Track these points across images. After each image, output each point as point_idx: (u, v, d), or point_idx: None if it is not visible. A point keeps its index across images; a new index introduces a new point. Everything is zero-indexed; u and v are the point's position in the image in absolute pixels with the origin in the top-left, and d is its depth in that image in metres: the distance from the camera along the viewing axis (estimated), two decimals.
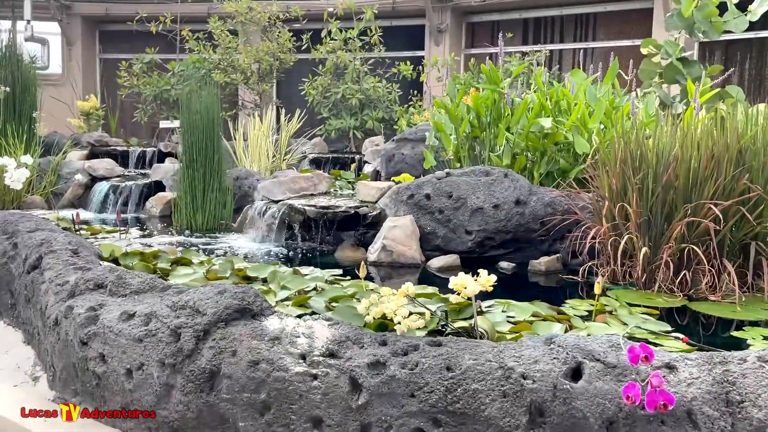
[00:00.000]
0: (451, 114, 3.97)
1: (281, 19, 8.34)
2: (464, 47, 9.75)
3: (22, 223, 3.52)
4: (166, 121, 8.36)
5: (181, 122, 4.70)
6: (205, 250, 3.82)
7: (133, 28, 11.03)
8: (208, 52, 8.12)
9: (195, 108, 4.64)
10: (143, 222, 5.28)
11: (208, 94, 4.75)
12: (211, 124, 4.63)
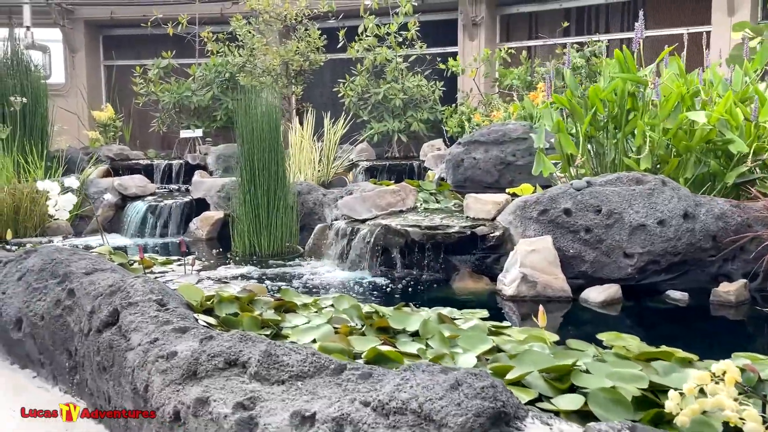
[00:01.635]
0: (576, 111, 3.34)
1: (309, 16, 7.69)
2: (499, 41, 9.14)
3: (75, 262, 2.87)
4: (187, 130, 7.69)
5: (238, 132, 4.05)
6: (292, 284, 3.18)
7: (146, 31, 10.33)
8: (232, 54, 7.46)
9: (253, 115, 3.99)
10: (188, 247, 4.62)
11: (267, 98, 4.10)
12: (273, 133, 3.98)
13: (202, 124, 7.74)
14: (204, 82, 7.68)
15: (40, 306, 2.72)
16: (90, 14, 10.14)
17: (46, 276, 2.83)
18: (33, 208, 4.80)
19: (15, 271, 2.99)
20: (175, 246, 4.66)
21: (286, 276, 3.41)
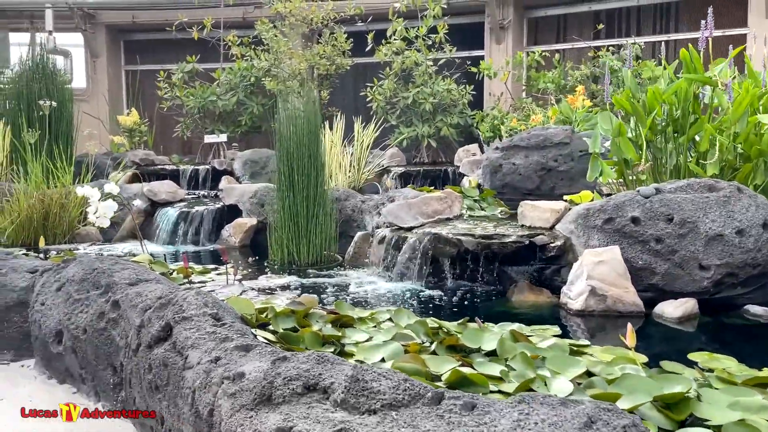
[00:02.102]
0: (638, 113, 3.17)
1: (335, 19, 7.58)
2: (526, 44, 8.98)
3: (118, 272, 2.74)
4: (211, 135, 7.58)
5: (276, 137, 3.91)
6: (339, 296, 3.03)
7: (167, 35, 10.27)
8: (258, 57, 7.35)
9: (292, 118, 3.85)
10: (221, 255, 4.48)
11: (307, 101, 3.96)
12: (313, 137, 3.84)
13: (227, 129, 7.63)
14: (228, 86, 7.58)
15: (82, 318, 2.60)
16: (112, 19, 10.09)
17: (88, 286, 2.70)
18: (62, 215, 4.70)
19: (53, 281, 2.87)
20: (207, 254, 4.53)
21: (330, 286, 3.26)
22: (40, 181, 4.68)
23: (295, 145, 3.81)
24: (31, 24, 10.18)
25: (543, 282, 2.94)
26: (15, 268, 3.11)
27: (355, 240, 3.79)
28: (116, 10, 9.87)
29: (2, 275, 3.08)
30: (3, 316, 3.05)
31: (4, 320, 3.05)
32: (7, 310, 3.05)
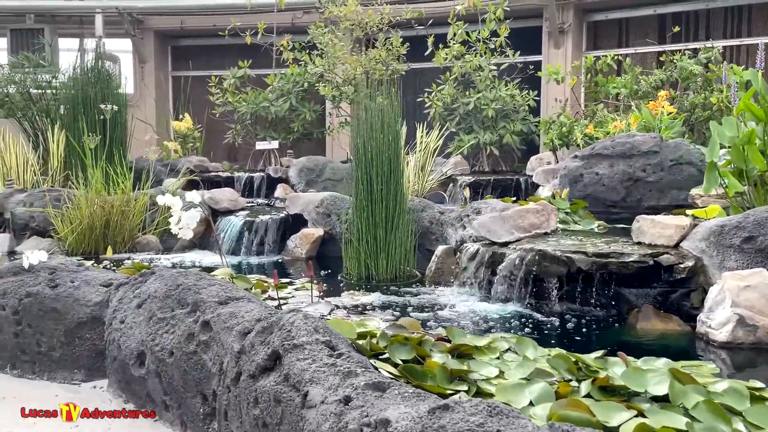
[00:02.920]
0: None
1: (391, 23, 7.35)
2: (585, 49, 8.64)
3: (205, 288, 2.51)
4: (263, 141, 7.41)
5: (353, 143, 3.67)
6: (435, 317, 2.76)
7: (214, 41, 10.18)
8: (312, 63, 7.15)
9: (372, 123, 3.60)
10: (286, 267, 4.26)
11: (389, 105, 3.71)
12: (393, 144, 3.59)
13: (278, 136, 7.45)
14: (281, 92, 7.40)
15: (168, 340, 2.37)
16: (160, 24, 10.05)
17: (172, 304, 2.48)
18: (123, 222, 4.53)
19: (132, 296, 2.65)
20: (272, 265, 4.30)
21: (418, 306, 2.99)
22: (100, 188, 4.53)
23: (375, 152, 3.55)
24: (80, 29, 10.20)
25: (669, 307, 2.63)
26: (88, 281, 2.91)
27: (437, 255, 3.52)
28: (165, 15, 9.82)
29: (74, 288, 2.88)
30: (75, 332, 2.85)
31: (75, 337, 2.85)
32: (78, 327, 2.85)
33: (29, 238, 4.63)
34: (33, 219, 4.64)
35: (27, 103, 7.15)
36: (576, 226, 3.53)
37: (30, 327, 2.88)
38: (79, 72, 6.26)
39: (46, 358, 2.86)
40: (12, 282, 2.94)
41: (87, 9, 9.60)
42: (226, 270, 2.94)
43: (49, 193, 4.70)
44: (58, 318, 2.87)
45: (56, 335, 2.86)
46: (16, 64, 7.43)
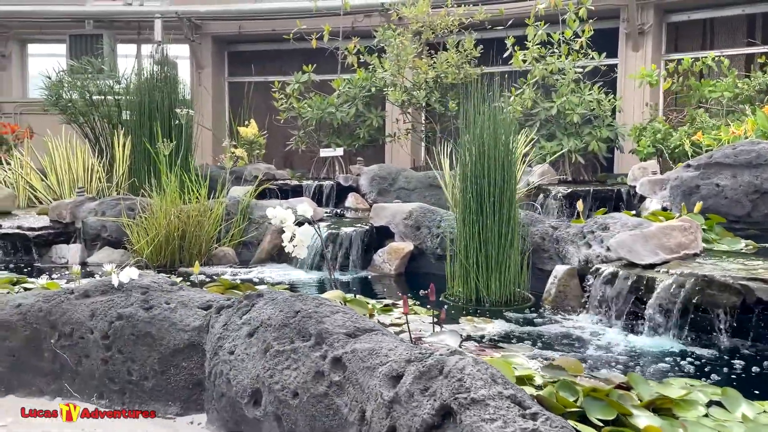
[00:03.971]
0: None
1: (463, 25, 7.00)
2: (665, 51, 8.14)
3: (328, 317, 2.18)
4: (327, 149, 7.12)
5: (460, 150, 3.31)
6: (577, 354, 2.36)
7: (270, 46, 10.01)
8: (382, 66, 6.83)
9: (482, 128, 3.23)
10: (373, 284, 3.92)
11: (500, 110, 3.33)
12: (507, 152, 3.21)
13: (343, 143, 7.16)
14: (346, 97, 7.11)
15: (291, 377, 2.03)
16: (218, 29, 9.91)
17: (291, 334, 2.14)
18: (198, 233, 4.27)
19: (240, 323, 2.33)
20: (357, 282, 3.96)
21: (551, 337, 2.60)
22: (176, 196, 4.27)
23: (486, 161, 3.18)
24: (138, 35, 10.14)
25: None
26: (185, 302, 2.61)
27: (556, 276, 3.13)
28: (224, 20, 9.67)
29: (171, 311, 2.58)
30: (170, 360, 2.55)
31: (171, 365, 2.55)
32: (174, 354, 2.55)
33: (100, 249, 4.40)
34: (105, 229, 4.41)
35: (89, 109, 7.03)
36: (720, 245, 3.10)
37: (120, 353, 2.59)
38: (147, 77, 6.07)
39: (137, 388, 2.56)
40: (101, 302, 2.66)
41: (146, 14, 9.52)
42: (337, 293, 2.61)
43: (121, 201, 4.47)
44: (152, 344, 2.58)
45: (149, 363, 2.57)
46: (78, 69, 7.33)
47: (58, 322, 2.67)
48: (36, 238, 4.28)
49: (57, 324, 2.67)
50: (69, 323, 2.65)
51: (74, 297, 2.71)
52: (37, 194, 5.57)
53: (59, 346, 2.66)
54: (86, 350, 2.63)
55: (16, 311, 2.72)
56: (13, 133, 8.04)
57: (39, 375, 2.70)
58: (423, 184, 5.80)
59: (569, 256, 3.28)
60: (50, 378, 2.70)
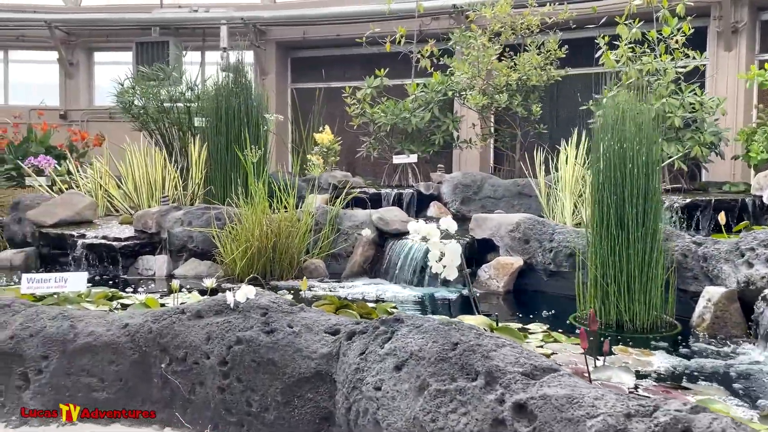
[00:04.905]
0: None
1: (546, 25, 6.64)
2: (759, 51, 7.59)
3: (494, 351, 1.89)
4: (400, 155, 6.85)
5: (594, 155, 2.98)
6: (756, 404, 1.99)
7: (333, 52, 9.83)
8: (461, 69, 6.53)
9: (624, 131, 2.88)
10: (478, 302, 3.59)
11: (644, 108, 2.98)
12: (649, 155, 2.86)
13: (417, 149, 6.87)
14: (421, 101, 6.82)
15: (460, 424, 1.73)
16: (282, 35, 9.78)
17: (452, 371, 1.84)
18: (288, 244, 4.03)
19: (383, 353, 2.04)
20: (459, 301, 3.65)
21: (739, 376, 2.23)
22: (265, 206, 4.06)
23: (628, 166, 2.83)
24: (203, 42, 10.11)
25: None
26: (309, 325, 2.35)
27: (710, 299, 2.75)
28: (288, 26, 9.54)
29: (295, 335, 2.32)
30: (294, 390, 2.29)
31: (294, 396, 2.29)
32: (299, 383, 2.29)
33: (186, 261, 4.22)
34: (191, 239, 4.23)
35: (161, 115, 6.94)
36: None
37: (239, 381, 2.34)
38: (223, 82, 5.93)
39: (256, 421, 2.31)
40: (217, 324, 2.42)
41: (212, 20, 9.47)
42: (482, 318, 2.30)
43: (207, 211, 4.28)
44: (274, 372, 2.32)
45: (271, 393, 2.32)
46: (151, 75, 7.26)
47: (169, 345, 2.44)
48: (122, 249, 4.12)
49: (168, 347, 2.45)
50: (182, 347, 2.42)
51: (186, 318, 2.48)
52: (114, 202, 5.46)
53: (171, 371, 2.44)
54: (201, 377, 2.39)
55: (123, 332, 2.51)
56: (83, 141, 8.06)
57: (147, 402, 2.48)
58: (511, 193, 5.46)
59: (723, 276, 2.89)
60: (159, 406, 2.47)
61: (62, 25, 9.84)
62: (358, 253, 4.19)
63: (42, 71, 10.79)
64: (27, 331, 2.53)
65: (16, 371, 2.54)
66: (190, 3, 9.95)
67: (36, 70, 10.92)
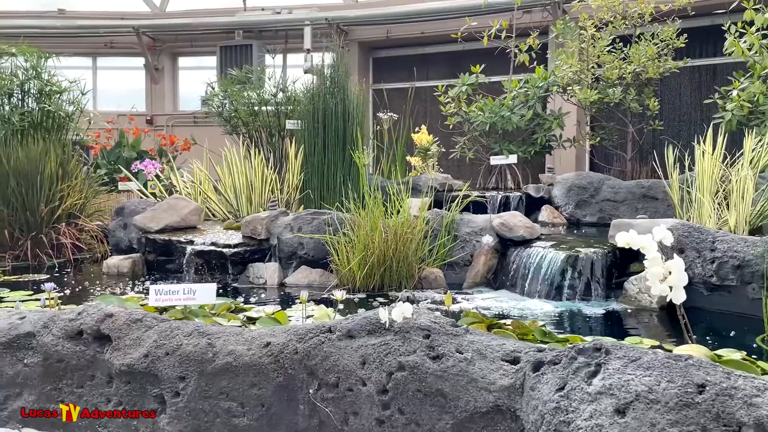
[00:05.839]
0: None
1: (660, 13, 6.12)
2: None
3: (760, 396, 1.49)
4: (498, 156, 6.46)
5: None
6: None
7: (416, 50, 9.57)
8: (570, 62, 6.09)
9: None
10: (624, 319, 3.19)
11: None
12: None
13: (517, 149, 6.47)
14: (524, 98, 6.42)
15: None
16: (365, 35, 9.58)
17: (703, 421, 1.47)
18: (405, 250, 3.75)
19: (593, 391, 1.70)
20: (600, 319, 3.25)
21: None
22: (382, 211, 3.79)
23: None
24: (285, 44, 10.04)
25: None
26: (481, 351, 2.03)
27: None
28: (372, 25, 9.32)
29: (466, 362, 2.01)
30: (467, 427, 2.00)
31: None
32: (472, 419, 1.98)
33: (297, 269, 4.00)
34: (302, 246, 4.00)
35: (251, 118, 6.85)
36: None
37: (402, 413, 2.05)
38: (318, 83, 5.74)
39: None
40: (373, 347, 2.14)
41: (296, 22, 9.36)
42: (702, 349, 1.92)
43: (318, 216, 4.05)
44: (443, 404, 2.02)
45: (439, 428, 2.02)
46: (241, 78, 7.18)
47: (318, 369, 2.18)
48: (233, 256, 3.94)
49: (317, 370, 2.18)
50: (333, 371, 2.15)
51: (336, 338, 2.21)
52: (211, 206, 5.34)
53: (320, 398, 2.17)
54: (355, 406, 2.11)
55: (266, 352, 2.27)
56: (172, 145, 8.07)
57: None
58: (634, 195, 4.99)
59: None
60: None
61: (149, 31, 9.98)
62: (480, 262, 3.86)
63: (128, 77, 11.01)
64: (162, 349, 2.33)
65: (151, 393, 2.34)
66: (272, 5, 9.89)
67: (122, 76, 11.15)
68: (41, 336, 2.43)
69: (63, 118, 5.64)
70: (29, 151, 4.94)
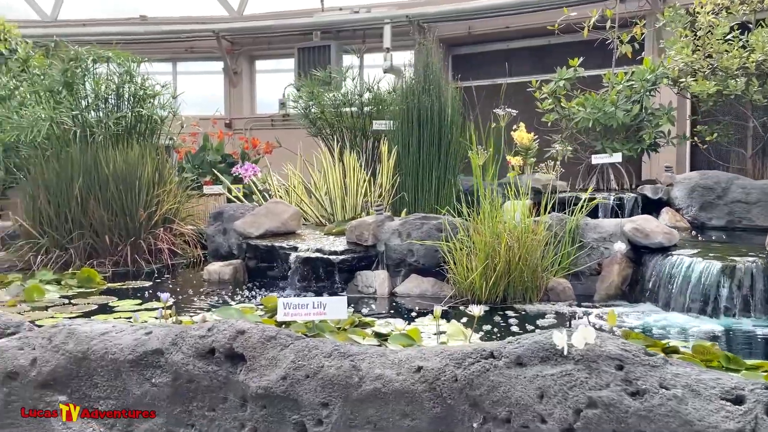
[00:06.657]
0: None
1: None
2: None
3: None
4: (601, 154, 6.01)
5: None
6: None
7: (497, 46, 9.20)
8: (685, 52, 5.60)
9: None
10: None
11: None
12: None
13: (621, 147, 6.01)
14: (629, 92, 5.96)
15: None
16: (446, 31, 9.25)
17: None
18: (528, 258, 3.43)
19: None
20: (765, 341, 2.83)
21: None
22: (501, 215, 3.49)
23: None
24: (363, 43, 9.85)
25: None
26: (694, 388, 1.70)
27: None
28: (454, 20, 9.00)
29: (677, 400, 1.68)
30: None
31: None
32: None
33: (406, 278, 3.74)
34: (411, 253, 3.75)
35: (336, 120, 6.68)
36: None
37: None
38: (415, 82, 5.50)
39: None
40: (552, 378, 1.83)
41: (375, 20, 9.16)
42: None
43: (427, 221, 3.78)
44: None
45: None
46: (325, 79, 7.03)
47: (484, 400, 1.90)
48: (340, 263, 3.72)
49: (482, 402, 1.90)
50: (503, 403, 1.86)
51: (503, 365, 1.92)
52: (305, 210, 5.17)
53: None
54: None
55: (419, 378, 2.00)
56: (254, 148, 8.01)
57: None
58: None
59: None
60: None
61: (228, 35, 10.00)
62: (614, 271, 3.49)
63: (206, 81, 11.09)
64: (302, 371, 2.11)
65: (290, 419, 2.12)
66: (349, 5, 9.72)
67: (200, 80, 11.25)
68: (170, 354, 2.25)
69: (156, 123, 5.62)
70: (127, 156, 4.90)
